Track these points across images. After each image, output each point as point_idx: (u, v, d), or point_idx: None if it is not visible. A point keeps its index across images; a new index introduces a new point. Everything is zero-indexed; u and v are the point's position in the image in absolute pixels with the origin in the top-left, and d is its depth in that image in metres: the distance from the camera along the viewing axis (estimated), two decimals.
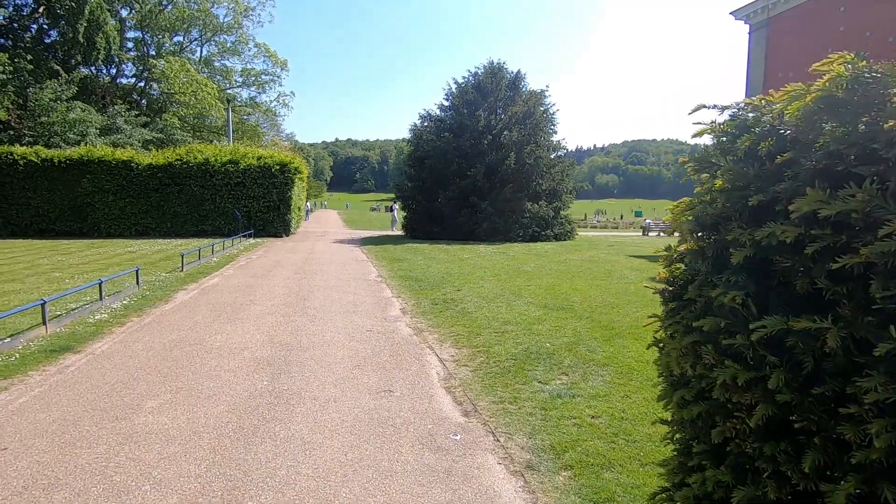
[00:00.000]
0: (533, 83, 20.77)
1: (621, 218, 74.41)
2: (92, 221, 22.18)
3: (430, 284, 10.33)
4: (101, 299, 7.69)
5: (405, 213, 26.95)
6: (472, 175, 22.30)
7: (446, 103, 25.75)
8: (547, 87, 24.78)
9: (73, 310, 7.33)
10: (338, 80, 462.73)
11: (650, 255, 17.38)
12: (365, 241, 22.05)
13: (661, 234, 34.89)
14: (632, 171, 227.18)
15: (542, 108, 24.23)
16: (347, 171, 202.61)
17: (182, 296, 8.93)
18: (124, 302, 8.19)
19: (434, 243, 20.35)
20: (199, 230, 22.94)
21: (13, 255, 14.95)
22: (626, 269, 13.01)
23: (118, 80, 41.79)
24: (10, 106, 24.74)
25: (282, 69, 45.68)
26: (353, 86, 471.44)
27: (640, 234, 35.19)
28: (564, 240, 23.83)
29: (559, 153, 24.93)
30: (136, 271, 9.14)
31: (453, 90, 25.36)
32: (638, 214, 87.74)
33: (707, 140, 1.88)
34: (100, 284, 7.65)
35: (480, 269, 12.87)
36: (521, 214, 22.58)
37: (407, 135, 26.70)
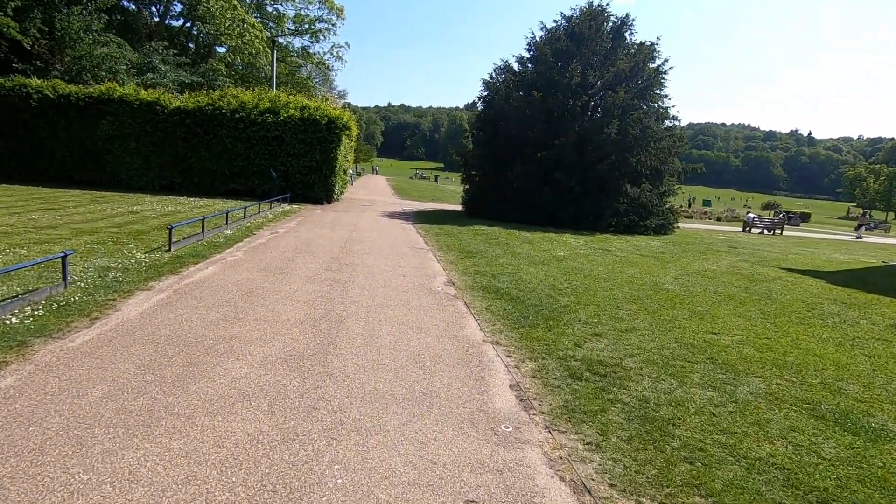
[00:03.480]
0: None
1: (689, 206, 67.27)
2: (111, 171, 19.26)
3: (539, 312, 6.19)
4: None
5: (466, 187, 22.71)
6: (560, 144, 17.67)
7: (528, 55, 20.96)
8: (658, 38, 19.47)
9: None
10: (394, 42, 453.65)
11: (807, 269, 12.52)
12: (419, 217, 18.09)
13: (765, 231, 29.25)
14: (696, 156, 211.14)
15: (652, 66, 19.05)
16: (399, 136, 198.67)
17: (127, 310, 5.19)
18: (13, 320, 4.54)
19: (507, 227, 16.11)
20: (230, 189, 19.67)
21: None
22: (821, 300, 8.40)
23: (166, 21, 39.00)
24: (38, 35, 21.95)
25: (337, 17, 41.50)
26: (410, 49, 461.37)
27: (741, 230, 29.61)
28: (664, 233, 19.03)
29: (669, 123, 19.77)
30: (63, 258, 5.47)
31: (537, 39, 20.49)
32: (706, 203, 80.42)
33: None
34: None
35: (595, 279, 8.60)
36: (617, 198, 17.88)
37: (461, 103, 22.46)
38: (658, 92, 19.44)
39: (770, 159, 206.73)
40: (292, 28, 41.89)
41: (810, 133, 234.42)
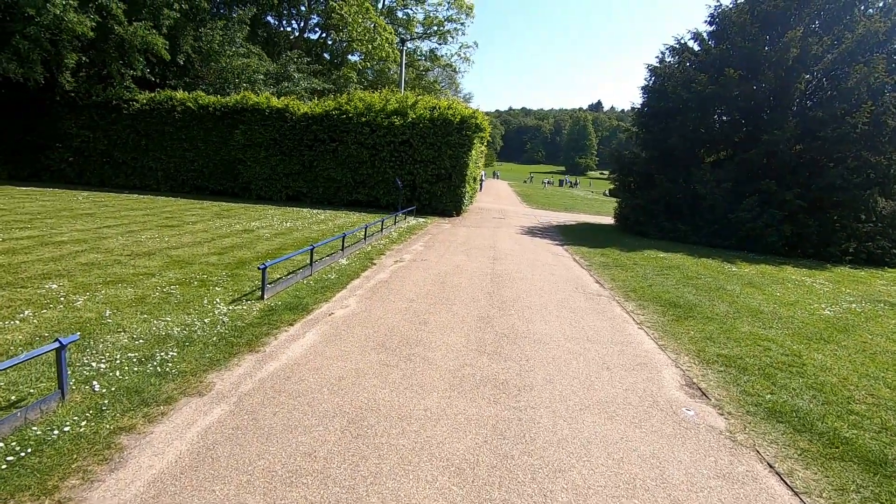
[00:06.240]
0: None
1: None
2: (243, 181, 18.84)
3: None
4: None
5: (619, 196, 18.71)
6: (768, 142, 12.97)
7: (708, 28, 16.40)
8: None
9: None
10: (516, 44, 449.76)
11: None
12: (565, 235, 14.68)
13: None
14: None
15: None
16: (518, 140, 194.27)
17: (127, 473, 2.72)
18: None
19: (691, 252, 11.99)
20: (354, 200, 18.19)
21: (127, 217, 11.21)
22: None
23: (305, 35, 40.40)
24: (190, 51, 22.75)
25: (467, 15, 39.63)
26: (531, 51, 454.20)
27: None
28: None
29: None
30: (58, 350, 3.19)
31: (724, 7, 15.84)
32: None
33: None
34: None
35: None
36: (857, 215, 12.63)
37: (584, 104, 18.46)
38: None
39: None
40: (421, 31, 40.94)
41: None
